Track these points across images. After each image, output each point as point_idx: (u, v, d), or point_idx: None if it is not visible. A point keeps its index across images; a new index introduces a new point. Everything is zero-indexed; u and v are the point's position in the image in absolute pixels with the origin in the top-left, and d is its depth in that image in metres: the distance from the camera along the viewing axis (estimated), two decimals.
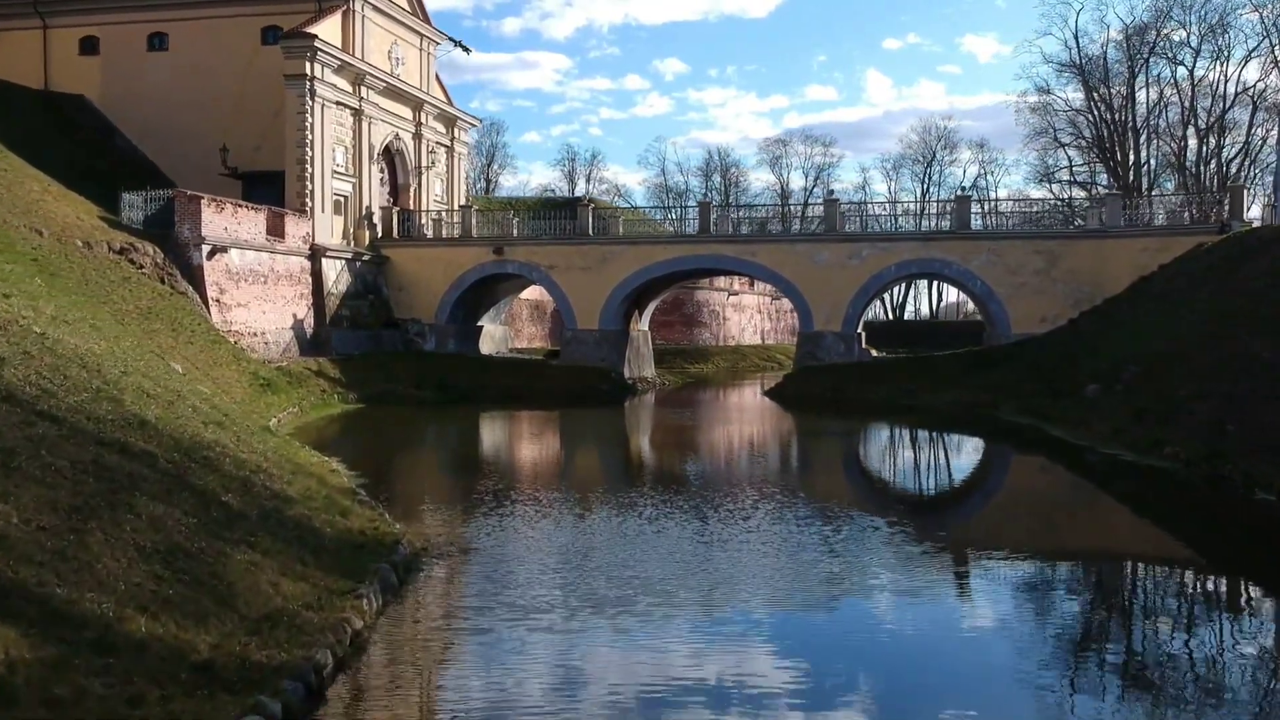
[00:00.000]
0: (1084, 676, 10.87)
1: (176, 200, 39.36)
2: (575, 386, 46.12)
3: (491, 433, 35.97)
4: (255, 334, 41.14)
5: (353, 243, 48.88)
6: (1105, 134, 77.48)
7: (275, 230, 43.33)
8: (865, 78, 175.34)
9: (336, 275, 46.55)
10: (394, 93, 51.73)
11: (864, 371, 45.32)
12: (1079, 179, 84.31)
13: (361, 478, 22.28)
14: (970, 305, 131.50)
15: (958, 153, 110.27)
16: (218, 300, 39.30)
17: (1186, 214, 48.57)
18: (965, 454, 31.88)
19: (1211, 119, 76.23)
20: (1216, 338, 30.28)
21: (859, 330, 47.16)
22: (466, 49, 58.17)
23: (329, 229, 47.03)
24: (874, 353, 48.96)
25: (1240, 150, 77.76)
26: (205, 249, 38.86)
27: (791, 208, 60.77)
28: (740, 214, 51.77)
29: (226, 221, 40.45)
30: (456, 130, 58.38)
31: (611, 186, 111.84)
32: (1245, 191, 46.67)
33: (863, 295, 46.96)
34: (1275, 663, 11.56)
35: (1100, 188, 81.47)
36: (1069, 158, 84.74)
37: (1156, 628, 12.81)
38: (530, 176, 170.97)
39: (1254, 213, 59.09)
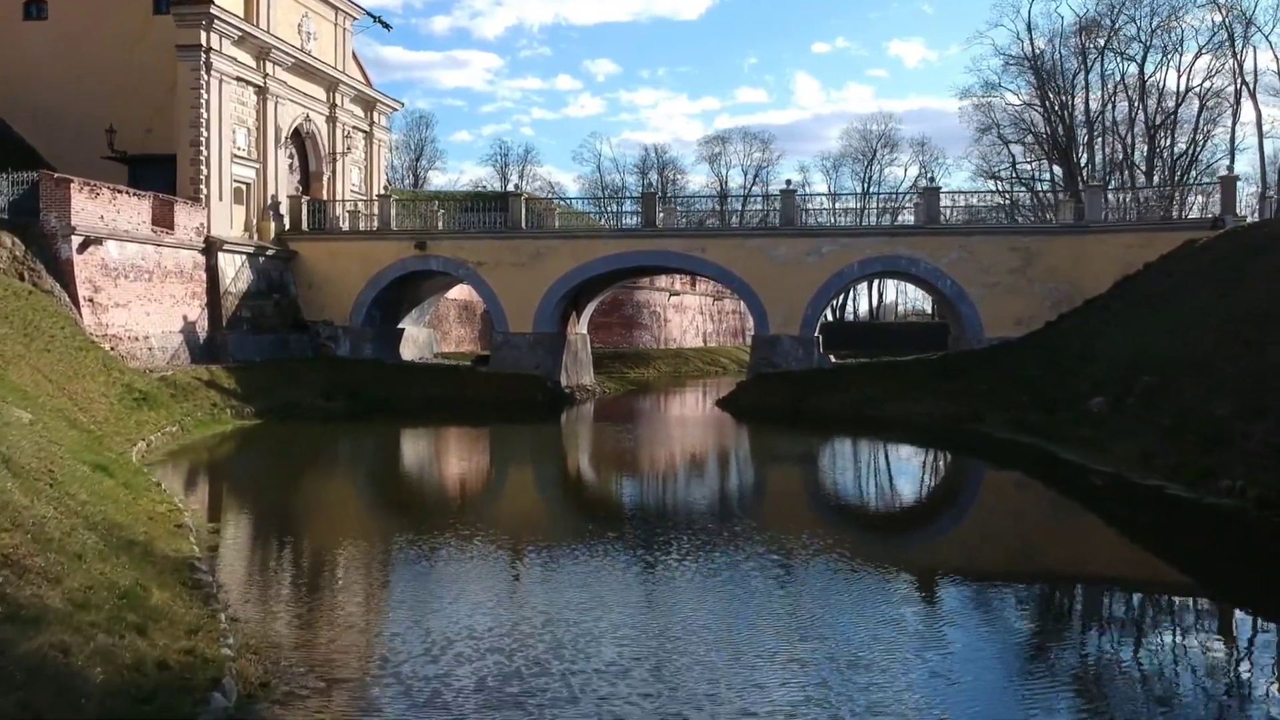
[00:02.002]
0: None
1: (42, 183, 33.17)
2: (507, 396, 40.71)
3: (407, 458, 30.33)
4: (136, 339, 35.11)
5: (256, 235, 42.91)
6: (1057, 130, 73.72)
7: (163, 220, 37.27)
8: (795, 80, 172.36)
9: (236, 272, 40.56)
10: (304, 70, 45.80)
11: (825, 379, 40.42)
12: (1025, 177, 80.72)
13: (217, 534, 16.82)
14: (913, 306, 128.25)
15: (899, 152, 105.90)
16: (91, 300, 33.25)
17: (1159, 210, 44.61)
18: (972, 485, 26.58)
19: (1163, 117, 72.86)
20: (1242, 344, 25.75)
21: (817, 334, 42.33)
22: (387, 25, 52.47)
23: (227, 219, 41.01)
24: (832, 358, 44.12)
25: (1187, 148, 74.66)
26: (76, 240, 32.78)
27: (743, 199, 55.87)
28: (686, 205, 46.53)
29: (103, 209, 34.35)
30: (376, 114, 52.44)
31: (545, 184, 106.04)
32: (1238, 183, 42.30)
33: (823, 295, 42.11)
34: None
35: (1042, 184, 77.96)
36: (1011, 155, 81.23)
37: None
38: (461, 175, 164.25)
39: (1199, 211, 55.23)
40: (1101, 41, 71.94)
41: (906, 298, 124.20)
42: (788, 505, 22.04)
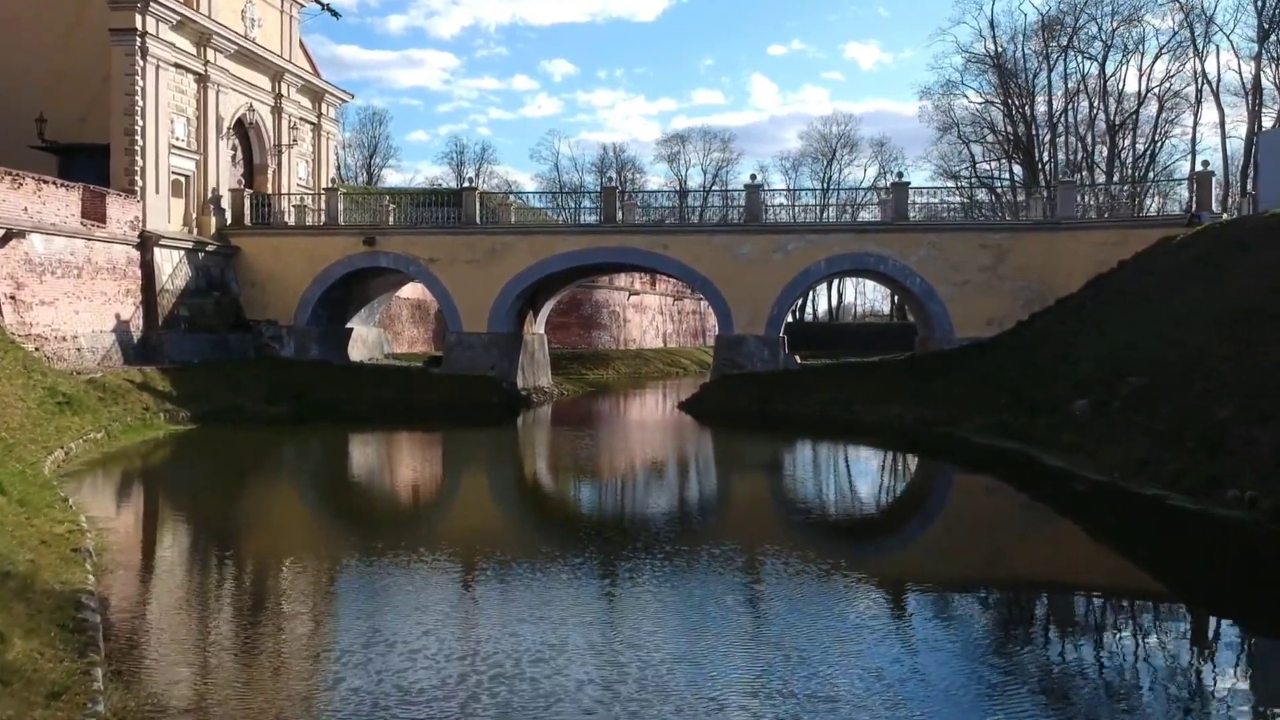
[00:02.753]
0: None
1: None
2: (460, 399, 38.55)
3: (350, 468, 27.86)
4: (64, 339, 32.64)
5: (196, 230, 40.44)
6: (1019, 129, 72.63)
7: (94, 213, 34.76)
8: (751, 82, 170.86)
9: (173, 268, 38.09)
10: (248, 58, 43.34)
11: (792, 381, 38.66)
12: (984, 177, 79.48)
13: (124, 559, 14.61)
14: (871, 306, 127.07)
15: (858, 152, 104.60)
16: (13, 297, 30.77)
17: (1131, 207, 43.37)
18: (956, 496, 24.50)
19: (1123, 117, 72.09)
20: (1237, 343, 24.22)
21: (782, 334, 40.56)
22: (335, 14, 49.99)
23: (165, 213, 38.53)
24: (798, 359, 42.38)
25: (1147, 148, 73.99)
26: None
27: (705, 194, 53.95)
28: (646, 202, 44.47)
29: (26, 200, 31.83)
30: (324, 106, 50.00)
31: (503, 182, 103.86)
32: (1213, 179, 41.10)
33: (789, 294, 40.35)
34: None
35: (1002, 184, 76.82)
36: (971, 155, 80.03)
37: None
38: (416, 173, 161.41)
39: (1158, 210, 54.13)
40: (1064, 41, 70.95)
41: (865, 298, 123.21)
42: (767, 522, 20.11)
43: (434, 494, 23.85)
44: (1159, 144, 74.11)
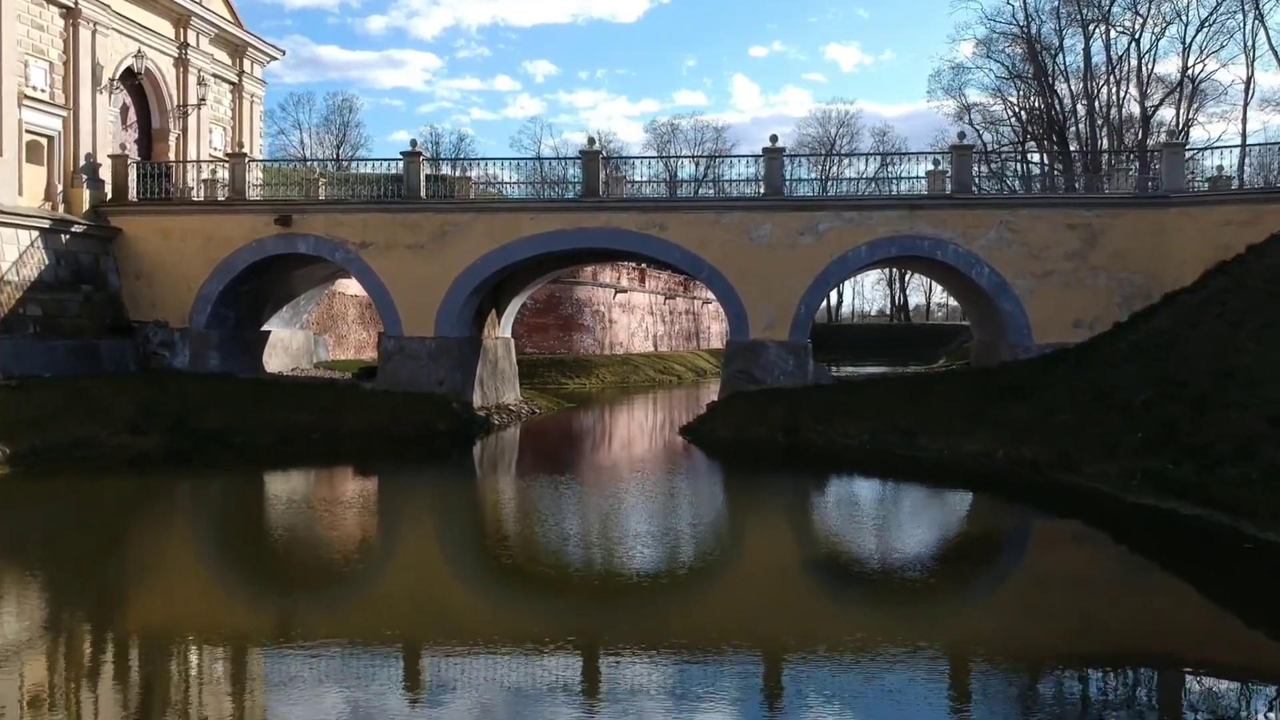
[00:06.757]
0: None
1: None
2: (398, 423, 28.84)
3: (219, 544, 17.56)
4: None
5: (62, 206, 30.56)
6: (1051, 106, 63.30)
7: None
8: (733, 84, 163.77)
9: (21, 254, 28.19)
10: None
11: (825, 401, 29.01)
12: (995, 165, 70.05)
13: None
14: (869, 307, 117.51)
15: (859, 141, 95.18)
16: None
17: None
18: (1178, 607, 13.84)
19: (1165, 92, 62.94)
20: None
21: (809, 339, 30.97)
22: None
23: (13, 183, 28.60)
24: (830, 370, 32.82)
25: (1183, 128, 64.76)
26: None
27: (710, 162, 44.32)
28: (641, 170, 34.50)
29: None
30: (247, 62, 39.88)
31: (482, 174, 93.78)
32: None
33: (820, 288, 30.80)
34: None
35: (1018, 172, 67.64)
36: (984, 143, 70.58)
37: None
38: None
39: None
40: (1099, 11, 61.51)
41: (863, 297, 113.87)
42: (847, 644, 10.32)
43: (354, 608, 13.80)
44: (1191, 123, 65.13)
